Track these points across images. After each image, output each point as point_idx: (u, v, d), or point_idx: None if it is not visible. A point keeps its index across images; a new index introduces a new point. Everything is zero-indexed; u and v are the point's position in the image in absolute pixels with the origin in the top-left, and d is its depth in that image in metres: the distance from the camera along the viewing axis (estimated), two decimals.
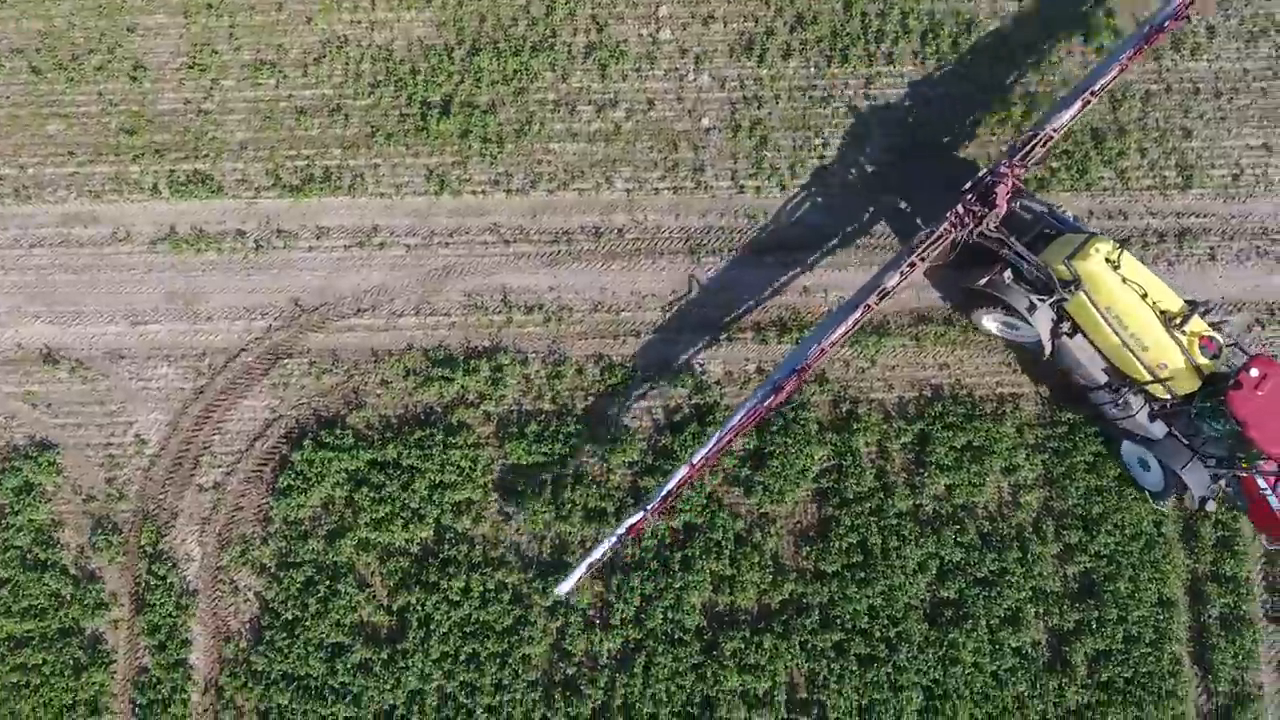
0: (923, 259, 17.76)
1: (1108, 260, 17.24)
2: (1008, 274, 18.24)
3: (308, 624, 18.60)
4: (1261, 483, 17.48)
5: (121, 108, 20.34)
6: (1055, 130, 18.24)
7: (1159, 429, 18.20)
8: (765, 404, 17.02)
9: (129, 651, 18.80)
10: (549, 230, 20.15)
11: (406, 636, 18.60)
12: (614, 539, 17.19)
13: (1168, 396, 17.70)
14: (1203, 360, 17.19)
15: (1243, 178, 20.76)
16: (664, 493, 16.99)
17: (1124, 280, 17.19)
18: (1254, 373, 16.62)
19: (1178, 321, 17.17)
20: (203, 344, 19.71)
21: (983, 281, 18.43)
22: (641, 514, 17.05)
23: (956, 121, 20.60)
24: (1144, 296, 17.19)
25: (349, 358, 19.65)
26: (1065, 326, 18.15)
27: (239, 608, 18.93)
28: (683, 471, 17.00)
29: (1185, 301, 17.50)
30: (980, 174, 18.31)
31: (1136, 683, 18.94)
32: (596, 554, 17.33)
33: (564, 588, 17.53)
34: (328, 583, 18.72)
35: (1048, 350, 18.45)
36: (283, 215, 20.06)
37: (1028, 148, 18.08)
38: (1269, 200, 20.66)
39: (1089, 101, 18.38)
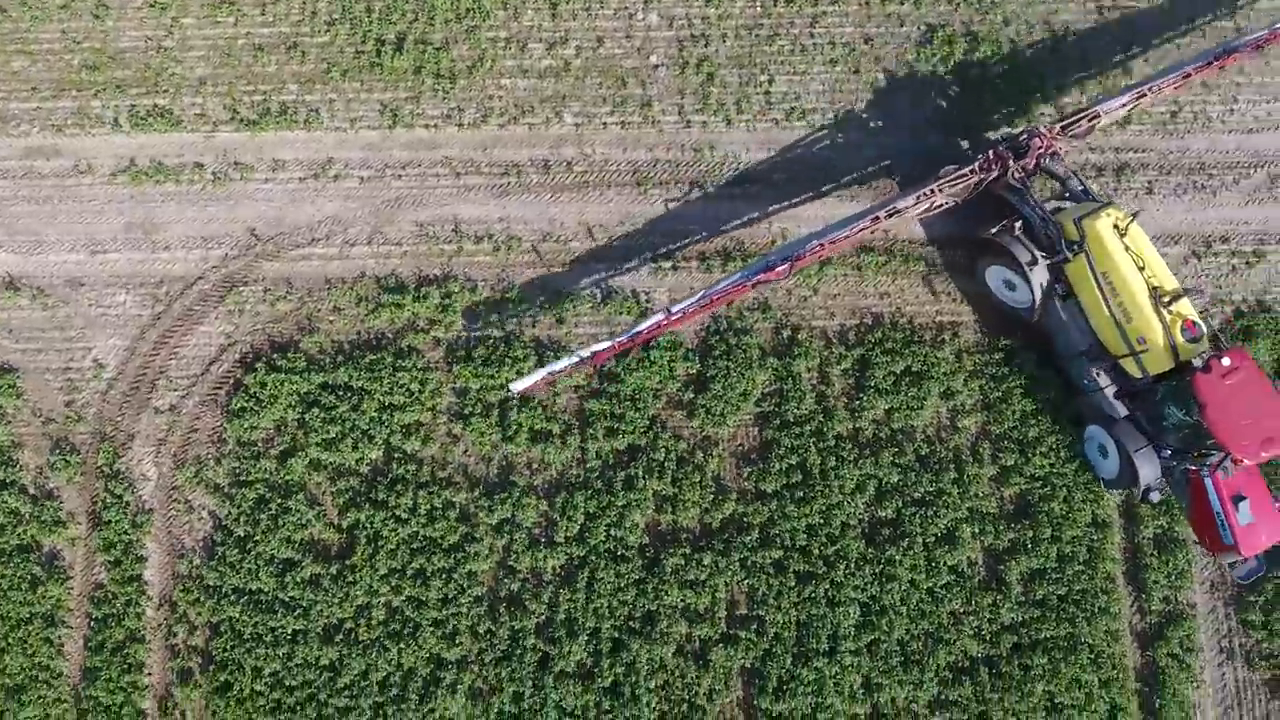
0: (942, 190, 18.36)
1: (1115, 227, 17.65)
2: (1019, 225, 18.71)
3: (259, 540, 19.06)
4: (1213, 500, 17.54)
5: (84, 45, 20.87)
6: (1104, 112, 18.86)
7: (1123, 408, 18.47)
8: (753, 280, 17.65)
9: (85, 567, 19.26)
10: (499, 163, 20.64)
11: (355, 552, 19.05)
12: (577, 357, 17.79)
13: (1140, 374, 17.96)
14: (1182, 342, 17.38)
15: (1181, 114, 21.20)
16: (635, 331, 17.61)
17: (1126, 249, 17.56)
18: (1226, 362, 16.93)
19: (1167, 300, 17.46)
20: (160, 272, 20.20)
21: (994, 230, 18.90)
22: (609, 344, 17.67)
23: (900, 60, 21.07)
24: (1141, 270, 17.53)
25: (303, 285, 20.15)
26: (1060, 289, 18.51)
27: (193, 525, 19.40)
28: (658, 317, 17.58)
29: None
30: (1021, 129, 18.96)
31: (1070, 600, 19.34)
32: (558, 365, 17.93)
33: (518, 385, 18.00)
34: (279, 501, 19.18)
35: (1037, 311, 18.81)
36: (240, 148, 20.56)
37: (1074, 119, 18.69)
38: (1205, 136, 21.11)
39: (1143, 96, 18.98)
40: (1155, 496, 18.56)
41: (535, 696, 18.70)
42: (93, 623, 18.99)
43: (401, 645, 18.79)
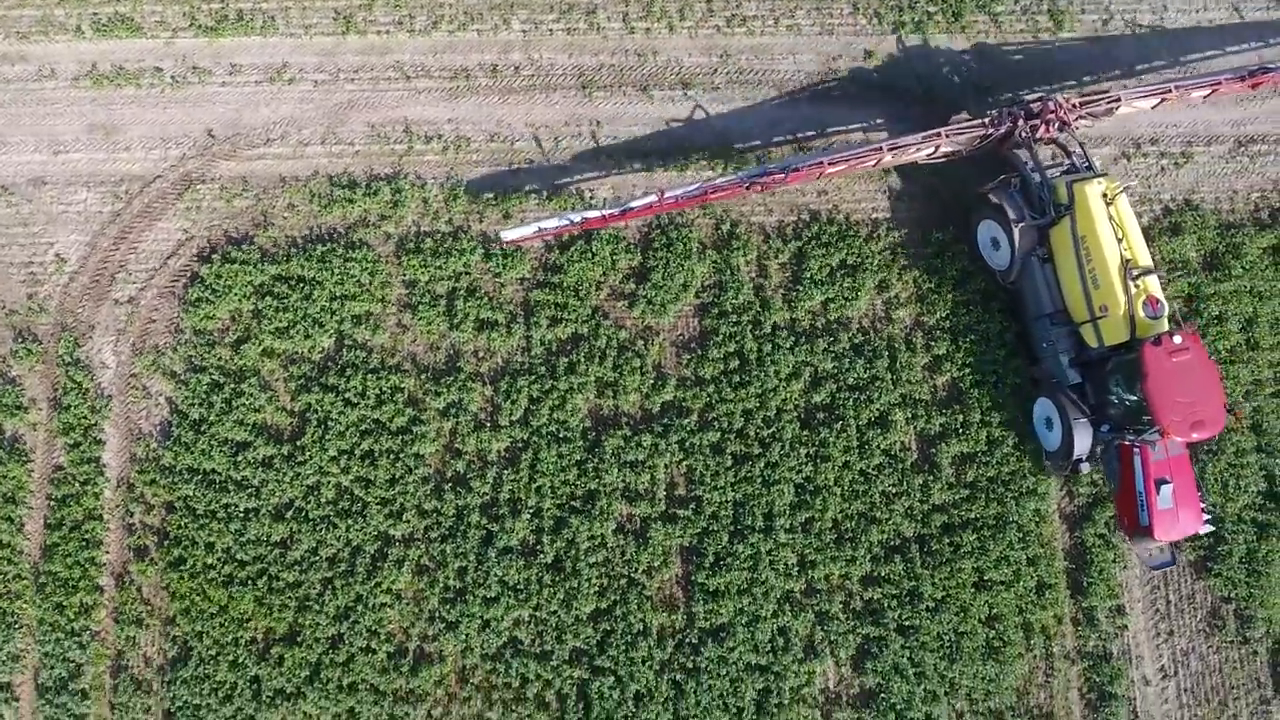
0: (949, 137, 18.94)
1: (1104, 195, 18.20)
2: (1016, 182, 19.28)
3: (213, 423, 19.71)
4: (1138, 478, 18.05)
5: None
6: (1127, 100, 19.37)
7: (1073, 377, 18.87)
8: (748, 183, 18.44)
9: (46, 451, 19.91)
10: (449, 68, 21.33)
11: (306, 435, 19.69)
12: (569, 220, 18.68)
13: (1095, 344, 18.42)
14: (1142, 316, 17.85)
15: (1112, 22, 21.87)
16: (628, 207, 18.48)
17: (1110, 219, 18.08)
18: (1177, 340, 17.38)
19: (1136, 274, 17.96)
20: (121, 171, 20.87)
21: (992, 185, 19.49)
22: (602, 214, 18.54)
23: None
24: (1120, 242, 18.05)
25: (258, 184, 20.82)
26: (1042, 252, 18.99)
27: (150, 411, 20.05)
28: (652, 199, 18.40)
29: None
30: (1038, 94, 19.43)
31: (999, 482, 19.96)
32: (549, 223, 18.82)
33: (510, 234, 18.80)
34: (232, 385, 19.84)
35: (1013, 272, 19.27)
36: (198, 53, 21.25)
37: (1094, 98, 19.22)
38: (1136, 43, 21.76)
39: (1168, 95, 19.49)
40: (1085, 468, 19.02)
41: (479, 571, 19.32)
42: (52, 502, 19.62)
43: (350, 523, 19.41)
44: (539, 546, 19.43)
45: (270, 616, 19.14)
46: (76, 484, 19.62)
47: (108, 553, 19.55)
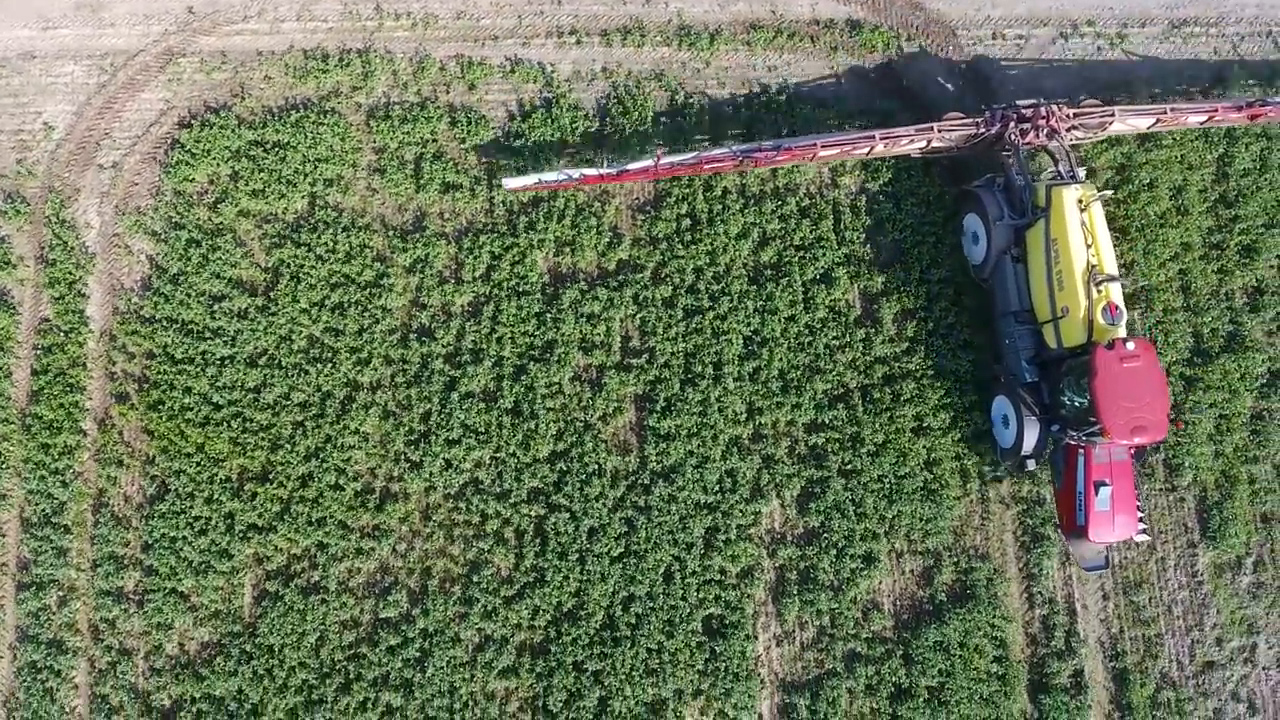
0: (941, 132, 19.66)
1: (1080, 200, 18.79)
2: (1000, 182, 19.97)
3: (191, 275, 20.78)
4: (1079, 478, 18.53)
5: None
6: (1120, 117, 19.85)
7: (1030, 375, 19.33)
8: (741, 156, 19.40)
9: (33, 304, 21.00)
10: None
11: (279, 287, 20.76)
12: (567, 175, 19.70)
13: (1054, 343, 18.99)
14: (1100, 321, 18.28)
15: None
16: (625, 169, 19.54)
17: (1082, 224, 18.65)
18: (1130, 346, 17.80)
19: (1100, 280, 18.47)
20: (106, 46, 21.98)
21: (977, 182, 20.23)
22: (600, 173, 19.58)
23: None
24: (1088, 247, 18.60)
25: (236, 57, 21.92)
26: (1016, 252, 19.61)
27: (131, 267, 21.12)
28: (648, 163, 19.37)
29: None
30: (1033, 100, 19.95)
31: (939, 335, 20.98)
32: (549, 176, 19.91)
33: (512, 183, 19.82)
34: (210, 242, 20.92)
35: (987, 268, 19.91)
36: None
37: (1088, 110, 19.77)
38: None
39: (1163, 116, 19.99)
40: (1030, 465, 19.59)
41: (442, 415, 20.35)
42: (38, 351, 20.68)
43: (320, 369, 20.46)
44: (499, 392, 20.46)
45: (244, 456, 20.18)
46: (61, 334, 20.68)
47: (90, 399, 20.61)
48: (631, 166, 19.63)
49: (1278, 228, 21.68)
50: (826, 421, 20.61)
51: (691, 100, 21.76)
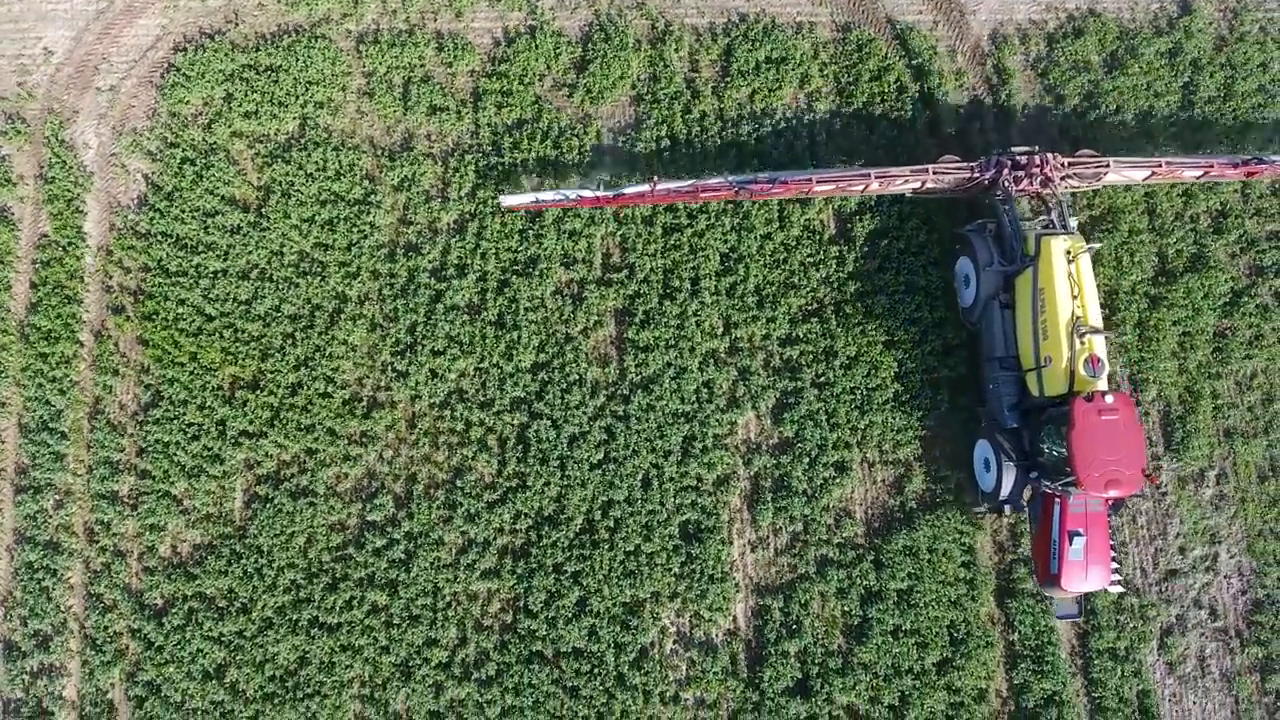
0: (936, 175, 19.93)
1: (1068, 252, 18.93)
2: (991, 228, 20.18)
3: (185, 192, 21.44)
4: (1054, 526, 18.65)
5: None
6: (1115, 169, 20.01)
7: (1013, 421, 19.46)
8: (735, 188, 19.84)
9: (32, 221, 21.65)
10: None
11: (270, 204, 21.41)
12: (564, 196, 20.14)
13: (1037, 391, 19.14)
14: (1082, 373, 18.39)
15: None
16: (621, 193, 20.00)
17: (1069, 275, 18.80)
18: (1109, 399, 17.94)
19: (1083, 332, 18.64)
20: None
21: (970, 227, 20.47)
22: (596, 195, 20.02)
23: None
24: (1074, 299, 18.76)
25: None
26: (1005, 299, 19.83)
27: (128, 186, 21.78)
28: (644, 189, 19.87)
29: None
30: (1034, 147, 20.19)
31: (910, 253, 21.61)
32: (546, 195, 20.30)
33: (508, 200, 20.22)
34: (204, 160, 21.58)
35: (976, 311, 20.15)
36: None
37: (1084, 161, 19.90)
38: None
39: (1157, 170, 20.17)
40: (1006, 509, 19.74)
41: (427, 326, 21.00)
42: (37, 265, 21.34)
43: (309, 282, 21.11)
44: (483, 305, 21.10)
45: (236, 365, 20.82)
46: (60, 249, 21.34)
47: (87, 311, 21.26)
48: (628, 190, 20.03)
49: (1242, 154, 22.24)
50: (800, 335, 21.23)
51: (672, 27, 22.39)
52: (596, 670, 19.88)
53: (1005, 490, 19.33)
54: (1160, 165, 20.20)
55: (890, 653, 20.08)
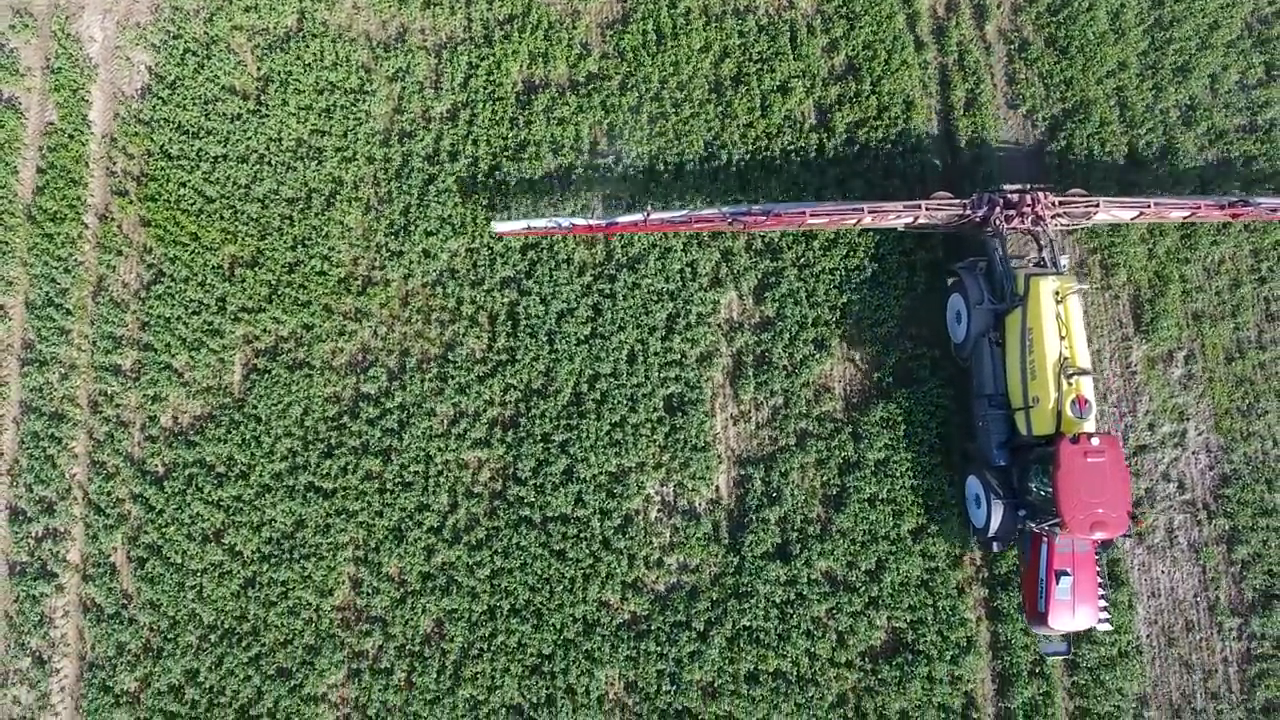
0: (928, 210, 20.08)
1: (1057, 293, 19.01)
2: (982, 265, 20.46)
3: (186, 81, 22.20)
4: (1041, 565, 18.67)
5: None
6: (1105, 208, 20.10)
7: (1002, 459, 19.53)
8: (728, 219, 20.11)
9: (39, 110, 22.42)
10: None
11: (269, 92, 22.16)
12: (557, 223, 20.58)
13: (1025, 430, 19.20)
14: (1069, 414, 18.41)
15: None
16: (615, 222, 20.38)
17: (1057, 316, 19.00)
18: (1095, 441, 18.08)
19: (1071, 373, 18.66)
20: None
21: (961, 264, 20.73)
22: (589, 224, 20.46)
23: None
24: (1062, 339, 18.94)
25: None
26: (995, 336, 20.08)
27: (131, 77, 22.55)
28: (638, 218, 20.21)
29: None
30: (1026, 185, 20.45)
31: (888, 141, 22.32)
32: (539, 222, 20.76)
33: (500, 227, 20.60)
34: (205, 51, 22.34)
35: (966, 347, 20.34)
36: None
37: (1074, 200, 20.09)
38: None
39: (1145, 211, 20.29)
40: (996, 547, 19.95)
41: (420, 208, 21.72)
42: (44, 151, 22.10)
43: (307, 166, 21.85)
44: (475, 188, 21.82)
45: (235, 244, 21.55)
46: (66, 136, 22.09)
47: (92, 195, 22.00)
48: (621, 219, 20.38)
49: (1210, 49, 22.98)
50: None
51: None
52: (583, 535, 20.54)
53: (994, 527, 19.44)
54: (1149, 205, 20.39)
55: (867, 520, 20.72)
